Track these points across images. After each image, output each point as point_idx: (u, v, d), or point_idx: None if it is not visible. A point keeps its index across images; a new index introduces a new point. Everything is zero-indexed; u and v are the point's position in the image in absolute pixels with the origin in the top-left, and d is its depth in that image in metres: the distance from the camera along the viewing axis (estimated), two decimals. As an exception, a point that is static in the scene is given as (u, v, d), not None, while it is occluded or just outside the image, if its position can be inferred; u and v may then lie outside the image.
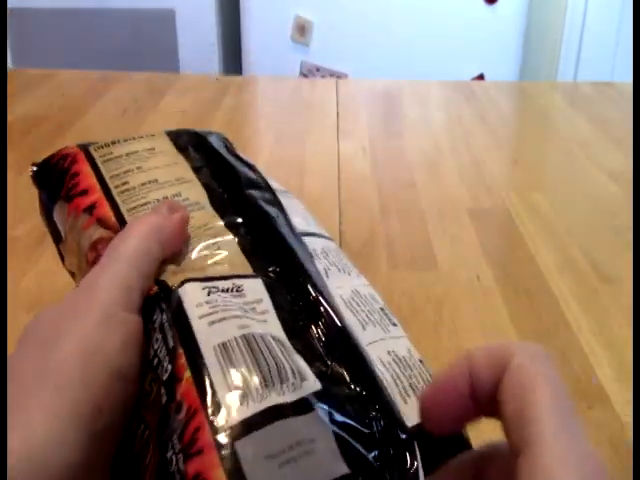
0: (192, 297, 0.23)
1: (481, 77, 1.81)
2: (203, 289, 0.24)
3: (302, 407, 0.20)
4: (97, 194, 0.30)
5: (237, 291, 0.24)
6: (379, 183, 0.66)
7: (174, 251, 0.27)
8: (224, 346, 0.21)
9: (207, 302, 0.23)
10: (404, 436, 0.21)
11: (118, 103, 0.88)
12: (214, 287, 0.24)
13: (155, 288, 0.25)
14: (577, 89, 1.05)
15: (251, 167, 0.33)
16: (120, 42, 1.85)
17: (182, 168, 0.32)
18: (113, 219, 0.29)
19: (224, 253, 0.27)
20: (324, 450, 0.19)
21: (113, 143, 0.33)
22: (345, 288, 0.27)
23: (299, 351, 0.22)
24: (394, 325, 0.26)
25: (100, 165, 0.31)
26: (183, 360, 0.21)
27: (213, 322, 0.22)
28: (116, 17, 1.84)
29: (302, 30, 1.79)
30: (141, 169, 0.31)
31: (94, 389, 0.21)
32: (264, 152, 0.74)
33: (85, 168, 0.31)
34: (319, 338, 0.23)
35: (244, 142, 0.78)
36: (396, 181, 0.67)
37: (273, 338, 0.22)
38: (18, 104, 0.86)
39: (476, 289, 0.50)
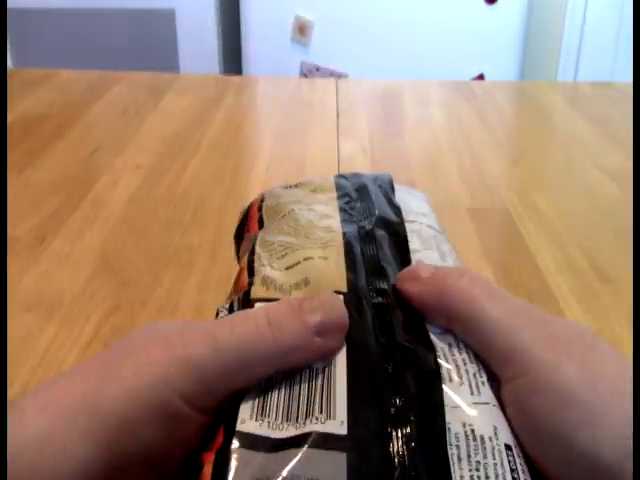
0: None
1: (481, 77, 1.81)
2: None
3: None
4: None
5: None
6: (379, 183, 0.66)
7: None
8: None
9: None
10: None
11: (118, 103, 0.88)
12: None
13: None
14: (577, 89, 1.05)
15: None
16: (120, 42, 1.86)
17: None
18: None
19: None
20: None
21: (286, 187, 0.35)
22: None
23: None
24: (483, 385, 0.21)
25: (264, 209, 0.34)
26: None
27: None
28: (116, 17, 1.84)
29: (302, 30, 1.79)
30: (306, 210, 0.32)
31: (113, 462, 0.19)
32: (264, 152, 0.74)
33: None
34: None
35: (244, 142, 0.78)
36: (396, 181, 0.67)
37: None
38: (18, 104, 0.86)
39: (476, 289, 0.49)
